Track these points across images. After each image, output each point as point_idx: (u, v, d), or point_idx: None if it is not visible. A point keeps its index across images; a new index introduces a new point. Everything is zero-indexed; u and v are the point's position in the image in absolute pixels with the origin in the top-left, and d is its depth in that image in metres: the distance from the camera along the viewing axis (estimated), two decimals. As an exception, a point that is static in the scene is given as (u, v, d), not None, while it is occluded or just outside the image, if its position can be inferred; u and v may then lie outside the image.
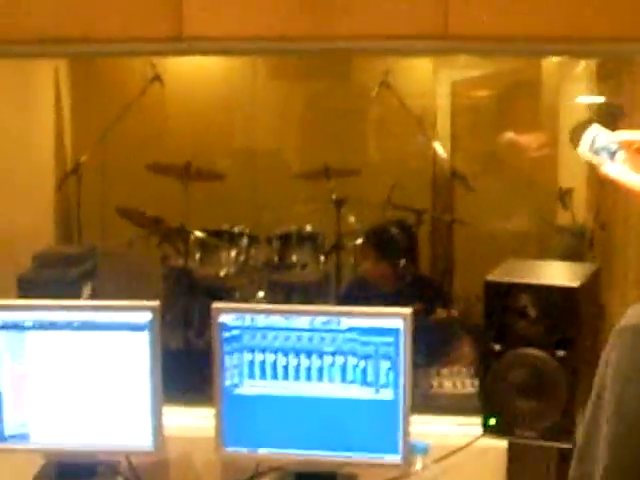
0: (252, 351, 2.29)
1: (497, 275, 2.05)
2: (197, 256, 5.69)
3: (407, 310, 2.23)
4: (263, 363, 2.29)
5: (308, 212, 6.10)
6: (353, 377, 2.26)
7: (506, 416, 2.05)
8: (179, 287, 5.76)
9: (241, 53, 4.22)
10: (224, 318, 2.29)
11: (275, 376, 2.29)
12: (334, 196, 5.89)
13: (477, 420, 2.45)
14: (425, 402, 3.03)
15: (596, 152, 1.61)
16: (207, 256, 5.73)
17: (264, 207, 6.17)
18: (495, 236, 6.18)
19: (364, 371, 2.25)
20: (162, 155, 5.65)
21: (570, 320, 1.98)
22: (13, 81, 4.95)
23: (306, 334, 2.26)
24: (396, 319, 2.23)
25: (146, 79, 5.40)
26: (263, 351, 2.28)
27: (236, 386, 2.31)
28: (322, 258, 5.86)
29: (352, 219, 5.91)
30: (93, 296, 4.65)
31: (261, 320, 2.28)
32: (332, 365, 2.26)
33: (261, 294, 5.70)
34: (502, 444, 2.21)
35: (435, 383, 3.51)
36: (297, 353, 2.27)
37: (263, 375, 2.29)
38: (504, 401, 2.05)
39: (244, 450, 2.34)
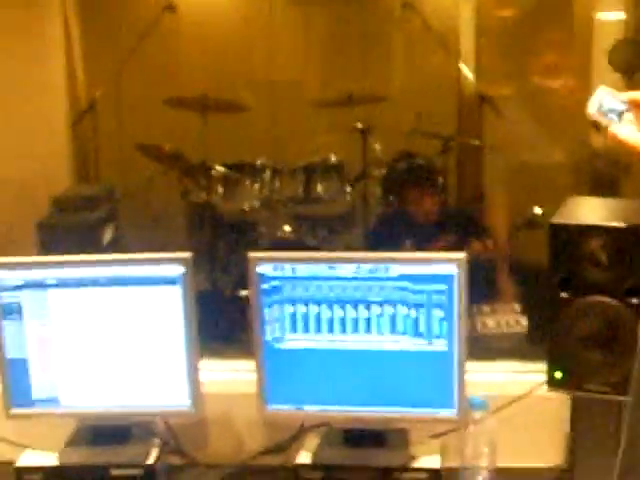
0: (294, 303, 2.12)
1: (562, 216, 1.87)
2: (219, 190, 5.54)
3: (461, 255, 2.06)
4: (306, 315, 2.13)
5: (332, 142, 5.90)
6: (404, 328, 2.10)
7: (574, 369, 1.89)
8: (202, 223, 5.63)
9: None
10: (262, 269, 2.12)
11: (319, 329, 2.13)
12: (359, 124, 5.69)
13: (534, 366, 2.32)
14: (469, 344, 2.86)
15: (604, 114, 1.61)
16: (230, 190, 5.58)
17: (287, 138, 5.97)
18: (527, 164, 5.97)
19: (415, 321, 2.09)
20: (179, 88, 5.48)
21: (645, 265, 1.80)
22: (18, 13, 4.72)
23: (352, 283, 2.09)
24: (449, 265, 2.06)
25: (159, 7, 5.18)
26: (306, 303, 2.12)
27: (278, 340, 2.15)
28: (348, 189, 5.69)
29: (377, 147, 5.72)
30: (115, 239, 4.50)
31: (302, 270, 2.11)
32: (381, 315, 2.10)
33: (287, 228, 5.56)
34: (565, 395, 2.04)
35: (478, 323, 3.37)
36: (342, 304, 2.10)
37: (306, 328, 2.13)
38: (572, 353, 1.88)
39: (288, 408, 2.19)
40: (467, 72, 5.75)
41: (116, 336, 2.18)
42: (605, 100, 1.62)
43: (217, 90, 5.33)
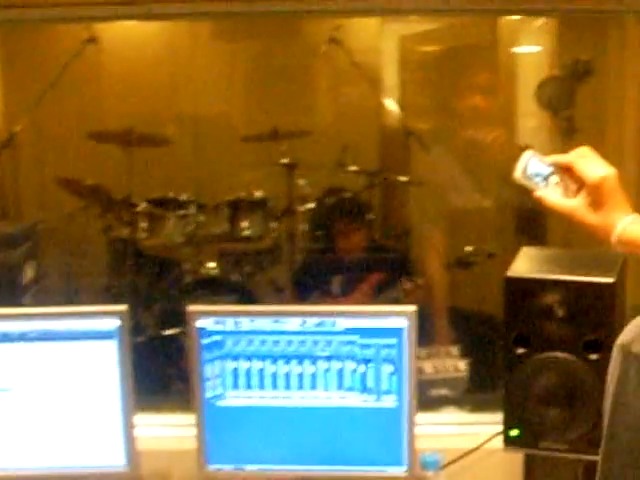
0: (236, 358, 2.02)
1: (517, 269, 1.81)
2: (143, 226, 5.41)
3: (411, 307, 1.98)
4: (249, 371, 2.03)
5: (258, 177, 5.82)
6: (351, 384, 2.01)
7: (531, 426, 1.82)
8: (124, 259, 5.50)
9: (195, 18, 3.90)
10: (203, 322, 2.02)
11: (262, 385, 2.03)
12: (284, 160, 5.63)
13: (485, 417, 2.27)
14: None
15: (529, 178, 1.61)
16: (153, 225, 5.46)
17: (212, 173, 5.87)
18: (453, 201, 5.96)
19: (364, 377, 2.01)
20: (101, 122, 5.35)
21: (603, 319, 1.75)
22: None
23: (297, 337, 2.00)
24: (399, 318, 1.98)
25: (81, 40, 5.05)
26: (249, 358, 2.02)
27: (219, 398, 2.04)
28: (273, 224, 5.63)
29: (302, 183, 5.67)
30: (36, 278, 4.35)
31: (245, 323, 2.01)
32: (327, 371, 2.01)
33: (212, 264, 5.45)
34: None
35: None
36: (287, 359, 2.01)
37: (249, 385, 2.03)
38: (529, 410, 1.82)
39: (230, 467, 2.08)
40: (393, 106, 5.74)
41: (46, 393, 2.05)
42: (530, 164, 1.61)
43: (141, 124, 5.22)
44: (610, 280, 1.74)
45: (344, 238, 4.54)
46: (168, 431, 2.37)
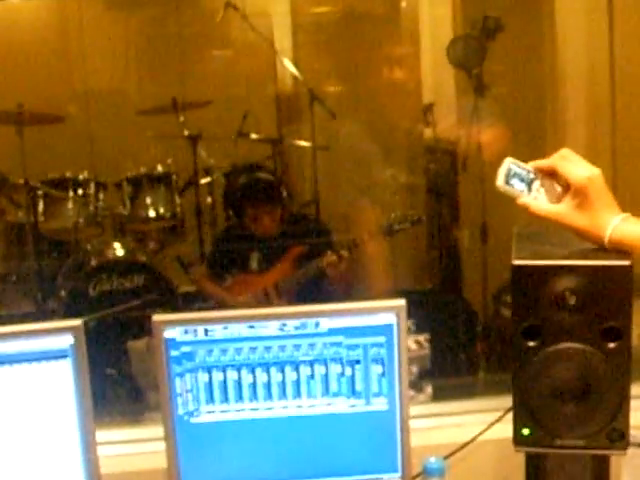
0: (209, 370, 1.82)
1: (524, 256, 1.66)
2: (40, 208, 5.14)
3: (400, 302, 1.81)
4: (224, 383, 1.83)
5: (159, 151, 5.57)
6: (338, 388, 1.84)
7: (544, 424, 1.68)
8: (22, 244, 5.23)
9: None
10: (170, 333, 1.81)
11: (240, 397, 1.84)
12: (186, 132, 5.41)
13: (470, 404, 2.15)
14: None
15: (512, 185, 1.62)
16: (51, 207, 5.21)
17: (110, 150, 5.59)
18: (360, 162, 5.83)
19: (351, 380, 1.84)
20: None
21: (620, 305, 1.61)
22: None
23: (276, 342, 1.81)
24: (387, 314, 1.81)
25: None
26: (223, 369, 1.82)
27: (192, 414, 1.84)
28: (177, 199, 5.41)
29: (204, 154, 5.46)
30: None
31: (217, 331, 1.81)
32: (311, 377, 1.83)
33: (117, 245, 5.21)
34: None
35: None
36: (266, 367, 1.82)
37: (225, 398, 1.84)
38: (541, 407, 1.67)
39: (207, 489, 1.88)
40: (293, 70, 5.55)
41: (-4, 426, 1.81)
42: (512, 171, 1.62)
43: (32, 102, 4.92)
44: (626, 263, 1.60)
45: (259, 220, 4.34)
46: (132, 447, 2.16)
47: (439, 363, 3.23)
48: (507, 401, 1.71)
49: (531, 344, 1.66)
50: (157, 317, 1.80)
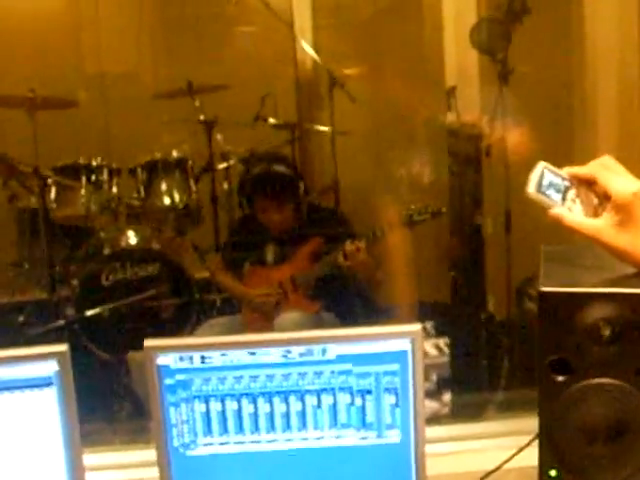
0: (206, 400, 1.67)
1: (553, 281, 1.49)
2: (52, 194, 5.05)
3: (416, 327, 1.65)
4: (223, 414, 1.68)
5: (175, 136, 5.45)
6: (347, 419, 1.68)
7: (573, 466, 1.52)
8: (34, 230, 5.15)
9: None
10: (164, 359, 1.65)
11: (241, 429, 1.68)
12: (202, 116, 5.29)
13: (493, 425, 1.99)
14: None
15: (545, 193, 1.45)
16: (63, 194, 5.13)
17: (124, 135, 5.47)
18: (382, 146, 5.69)
19: (362, 410, 1.68)
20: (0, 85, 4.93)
21: (660, 338, 1.45)
22: None
23: (280, 370, 1.66)
24: (401, 340, 1.65)
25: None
26: (222, 399, 1.67)
27: (188, 446, 1.69)
28: (193, 185, 5.30)
29: (220, 138, 5.33)
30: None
31: (215, 358, 1.65)
32: (318, 407, 1.68)
33: (131, 233, 5.10)
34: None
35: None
36: (269, 397, 1.67)
37: (225, 429, 1.69)
38: (570, 447, 1.51)
39: (205, 526, 1.74)
40: (312, 53, 5.40)
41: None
42: (545, 177, 1.44)
43: (44, 86, 4.82)
44: (668, 291, 1.43)
45: (268, 214, 4.18)
46: (126, 474, 2.02)
47: (459, 374, 3.06)
48: (534, 421, 1.55)
49: (559, 378, 1.50)
50: (149, 342, 1.64)
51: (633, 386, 1.47)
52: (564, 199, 1.46)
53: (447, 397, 2.56)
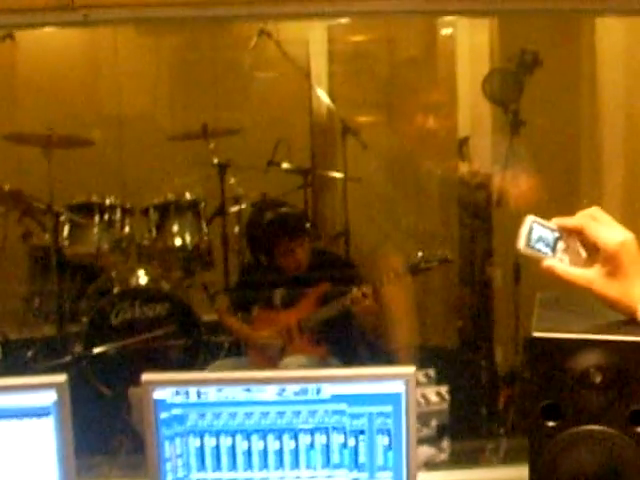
0: (201, 435, 1.69)
1: (543, 327, 1.50)
2: (65, 232, 5.08)
3: (409, 369, 1.67)
4: (217, 449, 1.69)
5: (188, 178, 5.48)
6: (340, 460, 1.69)
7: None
8: (46, 267, 5.17)
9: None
10: (160, 394, 1.67)
11: (234, 465, 1.70)
12: (215, 159, 5.32)
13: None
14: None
15: (534, 246, 1.49)
16: (76, 232, 5.16)
17: (138, 176, 5.51)
18: (394, 194, 5.71)
19: (354, 451, 1.69)
20: (19, 123, 4.99)
21: (651, 386, 1.45)
22: None
23: (274, 408, 1.67)
24: (395, 382, 1.66)
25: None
26: (217, 434, 1.68)
27: (181, 482, 1.70)
28: (205, 227, 5.32)
29: (233, 181, 5.36)
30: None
31: (211, 394, 1.67)
32: (311, 446, 1.69)
33: (141, 272, 5.11)
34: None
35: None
36: (263, 434, 1.68)
37: (218, 465, 1.70)
38: (559, 494, 1.51)
39: None
40: (327, 100, 5.45)
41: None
42: (534, 231, 1.48)
43: (62, 125, 4.88)
44: (659, 339, 1.44)
45: (291, 254, 4.19)
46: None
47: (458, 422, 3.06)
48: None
49: (550, 424, 1.50)
50: (147, 377, 1.67)
51: (624, 434, 1.48)
52: (554, 250, 1.50)
53: (445, 443, 2.56)
